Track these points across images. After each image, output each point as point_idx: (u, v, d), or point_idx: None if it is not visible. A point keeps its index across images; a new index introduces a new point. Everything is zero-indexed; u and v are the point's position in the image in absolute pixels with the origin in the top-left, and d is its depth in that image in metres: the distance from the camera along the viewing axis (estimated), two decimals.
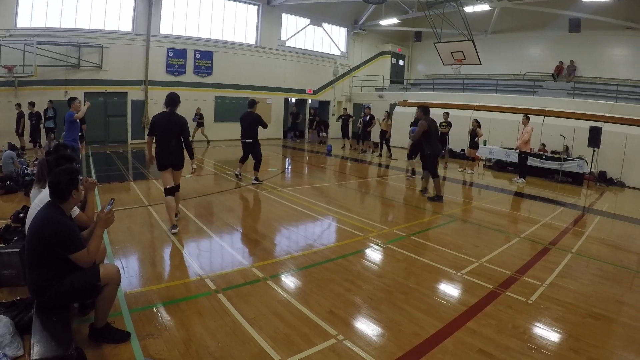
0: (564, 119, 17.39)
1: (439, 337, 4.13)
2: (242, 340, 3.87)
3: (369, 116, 19.73)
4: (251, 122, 11.39)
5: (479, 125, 15.92)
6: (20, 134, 15.03)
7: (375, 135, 20.47)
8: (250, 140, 11.47)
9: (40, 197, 4.05)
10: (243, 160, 12.03)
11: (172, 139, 7.06)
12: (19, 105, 14.97)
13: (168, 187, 7.13)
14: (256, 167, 11.65)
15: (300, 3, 24.46)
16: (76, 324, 3.94)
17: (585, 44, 21.26)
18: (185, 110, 21.12)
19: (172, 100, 7.13)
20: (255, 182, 11.51)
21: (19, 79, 16.10)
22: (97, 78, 18.51)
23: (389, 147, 19.13)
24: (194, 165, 7.45)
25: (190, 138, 8.03)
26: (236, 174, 12.03)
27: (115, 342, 3.70)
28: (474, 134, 15.90)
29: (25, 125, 14.95)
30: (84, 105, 9.87)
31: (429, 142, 10.49)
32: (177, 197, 7.50)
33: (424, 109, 10.49)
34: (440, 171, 15.76)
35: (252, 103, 11.62)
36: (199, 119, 20.69)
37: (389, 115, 19.31)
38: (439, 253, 6.70)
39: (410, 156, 14.72)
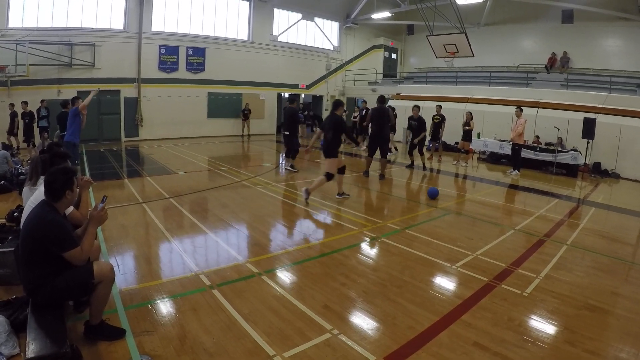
0: (557, 111, 17.41)
1: (434, 330, 4.14)
2: (237, 336, 3.88)
3: (364, 110, 19.67)
4: (289, 116, 13.24)
5: (471, 117, 15.93)
6: (14, 134, 14.80)
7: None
8: (287, 133, 12.88)
9: (36, 195, 4.04)
10: (287, 153, 13.35)
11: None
12: (12, 105, 14.81)
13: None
14: (292, 156, 13.13)
15: None
16: (71, 321, 3.94)
17: (578, 35, 21.28)
18: (182, 106, 21.30)
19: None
20: (290, 169, 13.03)
21: (11, 78, 16.00)
22: (90, 76, 18.36)
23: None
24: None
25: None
26: (290, 168, 13.17)
27: (110, 339, 3.70)
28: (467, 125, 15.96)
29: (19, 124, 14.81)
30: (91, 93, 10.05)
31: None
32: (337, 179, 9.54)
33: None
34: (434, 164, 15.87)
35: (292, 100, 13.72)
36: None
37: (392, 110, 19.29)
38: (434, 246, 6.71)
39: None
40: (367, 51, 30.24)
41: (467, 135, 16.07)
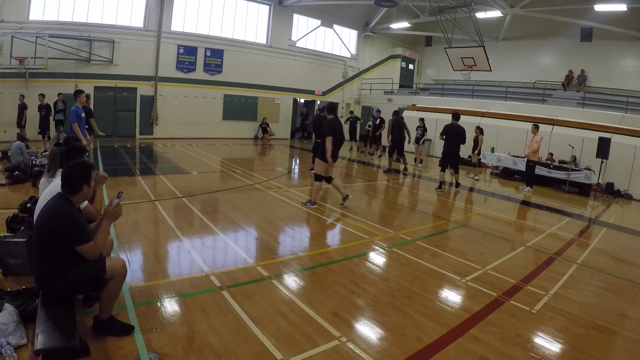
0: (572, 129, 17.29)
1: (442, 342, 4.12)
2: (245, 338, 3.88)
3: (379, 119, 19.70)
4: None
5: (480, 132, 16.06)
6: (22, 126, 14.63)
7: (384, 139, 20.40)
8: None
9: (51, 187, 4.05)
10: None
11: None
12: (22, 97, 14.84)
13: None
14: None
15: (311, 4, 24.57)
16: (80, 315, 3.95)
17: (596, 54, 21.20)
18: (198, 107, 21.42)
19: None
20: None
21: (29, 70, 16.21)
22: (107, 72, 18.60)
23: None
24: None
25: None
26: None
27: (118, 335, 3.71)
28: (476, 140, 16.11)
29: (26, 117, 14.80)
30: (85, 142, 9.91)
31: None
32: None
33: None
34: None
35: (323, 109, 13.46)
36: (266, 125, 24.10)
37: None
38: (444, 259, 6.69)
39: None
40: (384, 60, 30.29)
41: (475, 149, 16.30)
